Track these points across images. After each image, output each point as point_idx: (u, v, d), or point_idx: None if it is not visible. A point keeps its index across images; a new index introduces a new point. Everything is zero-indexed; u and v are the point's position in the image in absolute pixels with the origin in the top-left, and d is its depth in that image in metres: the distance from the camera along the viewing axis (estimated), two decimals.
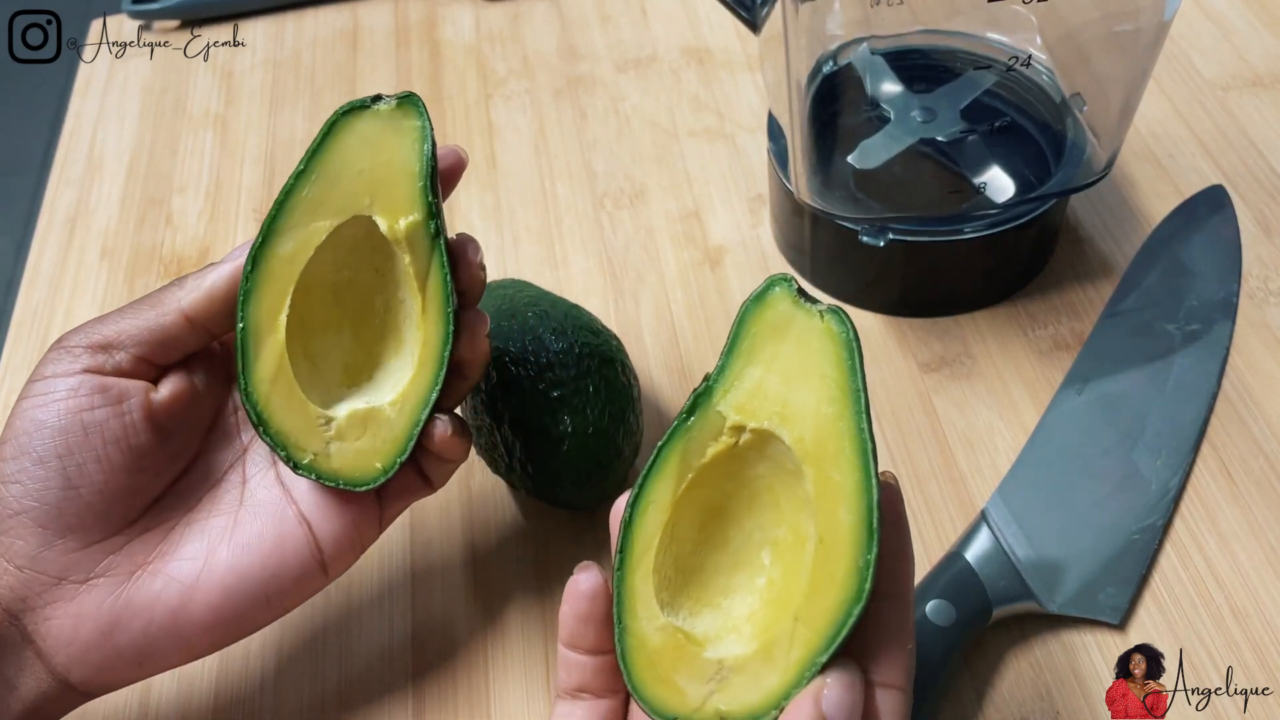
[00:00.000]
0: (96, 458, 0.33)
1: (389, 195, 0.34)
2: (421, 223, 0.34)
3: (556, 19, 0.68)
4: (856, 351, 0.29)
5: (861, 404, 0.29)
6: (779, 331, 0.30)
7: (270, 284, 0.34)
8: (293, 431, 0.35)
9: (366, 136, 0.34)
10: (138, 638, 0.34)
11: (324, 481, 0.35)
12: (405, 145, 0.34)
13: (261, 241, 0.34)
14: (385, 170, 0.34)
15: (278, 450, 0.34)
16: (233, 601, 0.34)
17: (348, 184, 0.34)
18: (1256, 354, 0.48)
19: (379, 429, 0.35)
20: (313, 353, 0.36)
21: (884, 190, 0.49)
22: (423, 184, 0.34)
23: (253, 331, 0.34)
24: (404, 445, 0.35)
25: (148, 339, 0.35)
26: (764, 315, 0.30)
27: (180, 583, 0.34)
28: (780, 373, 0.30)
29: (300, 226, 0.34)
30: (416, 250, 0.35)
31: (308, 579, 0.36)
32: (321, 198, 0.34)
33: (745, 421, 0.30)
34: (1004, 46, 0.50)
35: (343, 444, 0.35)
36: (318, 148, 0.34)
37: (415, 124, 0.34)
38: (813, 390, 0.29)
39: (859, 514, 0.28)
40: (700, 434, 0.30)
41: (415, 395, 0.35)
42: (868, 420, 0.29)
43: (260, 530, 0.35)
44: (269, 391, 0.34)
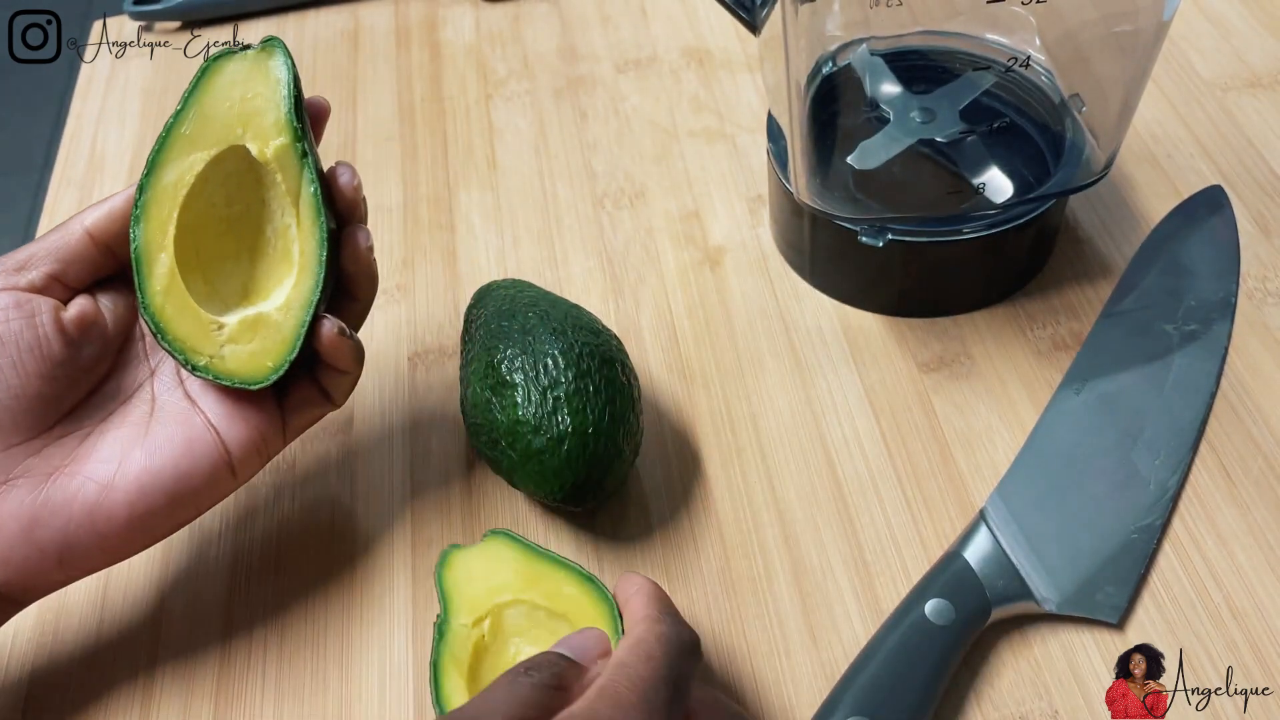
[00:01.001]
0: (12, 364, 0.37)
1: (258, 124, 0.39)
2: (289, 145, 0.39)
3: (557, 20, 0.69)
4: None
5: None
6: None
7: (157, 208, 0.38)
8: (188, 337, 0.38)
9: (235, 77, 0.39)
10: (57, 535, 0.37)
11: (220, 381, 0.38)
12: (270, 80, 0.39)
13: (147, 173, 0.38)
14: (253, 103, 0.39)
15: (176, 355, 0.38)
16: (147, 499, 0.37)
17: (221, 118, 0.39)
18: (1255, 354, 0.48)
19: (268, 331, 0.39)
20: (211, 278, 0.40)
21: (883, 191, 0.49)
22: (287, 111, 0.39)
23: (144, 250, 0.38)
24: (292, 344, 0.38)
25: (56, 257, 0.39)
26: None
27: (96, 482, 0.37)
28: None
29: (180, 159, 0.39)
30: (287, 171, 0.39)
31: (218, 480, 0.39)
32: (198, 133, 0.39)
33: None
34: (1003, 47, 0.50)
35: (236, 347, 0.39)
36: (192, 90, 0.39)
37: (278, 62, 0.39)
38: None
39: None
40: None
41: (299, 299, 0.39)
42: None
43: (171, 434, 0.38)
44: (163, 302, 0.38)
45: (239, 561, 0.45)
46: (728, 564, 0.44)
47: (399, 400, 0.50)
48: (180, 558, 0.46)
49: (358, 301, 0.42)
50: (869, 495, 0.45)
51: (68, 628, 0.44)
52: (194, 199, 0.39)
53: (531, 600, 0.39)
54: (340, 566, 0.45)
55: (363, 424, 0.49)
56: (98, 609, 0.44)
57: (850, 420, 0.47)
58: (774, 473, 0.46)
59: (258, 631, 0.43)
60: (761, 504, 0.45)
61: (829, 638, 0.41)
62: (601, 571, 0.44)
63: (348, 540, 0.46)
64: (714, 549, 0.44)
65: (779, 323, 0.51)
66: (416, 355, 0.52)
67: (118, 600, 0.45)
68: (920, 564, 0.43)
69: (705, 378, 0.50)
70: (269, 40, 0.39)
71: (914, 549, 0.43)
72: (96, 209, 0.39)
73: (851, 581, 0.43)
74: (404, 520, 0.46)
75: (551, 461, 0.41)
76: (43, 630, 0.44)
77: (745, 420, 0.48)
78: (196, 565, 0.45)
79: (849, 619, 0.42)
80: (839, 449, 0.47)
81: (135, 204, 0.38)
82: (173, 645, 0.43)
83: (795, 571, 0.43)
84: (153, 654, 0.43)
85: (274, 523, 0.46)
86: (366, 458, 0.48)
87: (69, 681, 0.42)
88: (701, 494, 0.46)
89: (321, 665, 0.42)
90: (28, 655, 0.43)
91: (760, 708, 0.40)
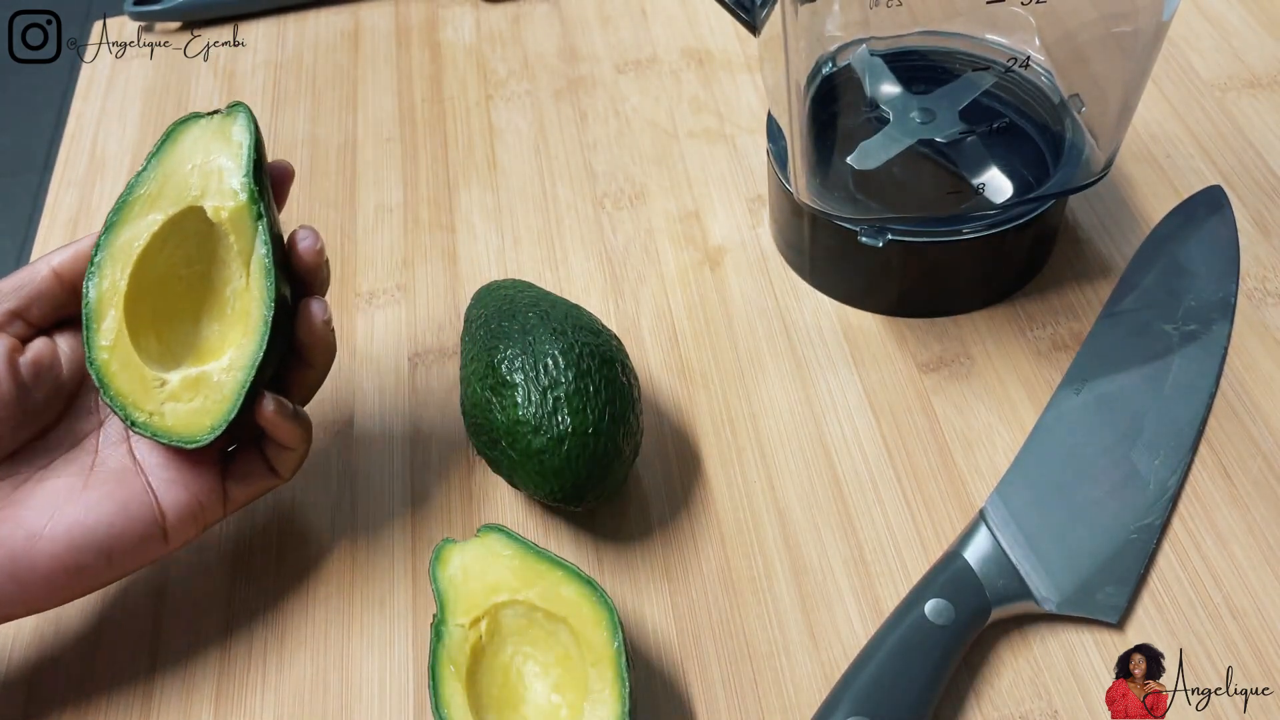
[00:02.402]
0: None
1: (217, 186, 0.39)
2: (245, 207, 0.39)
3: (557, 20, 0.69)
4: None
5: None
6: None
7: (111, 266, 0.39)
8: (130, 393, 0.38)
9: (198, 140, 0.40)
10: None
11: (159, 439, 0.38)
12: (231, 144, 0.40)
13: (105, 231, 0.39)
14: (213, 165, 0.40)
15: (116, 409, 0.38)
16: (75, 554, 0.37)
17: (181, 179, 0.40)
18: (1254, 354, 0.48)
19: (209, 391, 0.39)
20: (165, 338, 0.40)
21: (883, 191, 0.49)
22: (244, 175, 0.39)
23: (95, 306, 0.39)
24: (231, 405, 0.38)
25: (20, 295, 0.39)
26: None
27: (26, 529, 0.37)
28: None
29: (139, 218, 0.39)
30: (241, 233, 0.39)
31: (149, 543, 0.39)
32: (157, 193, 0.40)
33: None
34: (1003, 48, 0.50)
35: (176, 404, 0.39)
36: (156, 151, 0.40)
37: (240, 126, 0.40)
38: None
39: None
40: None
41: (241, 360, 0.39)
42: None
43: (109, 492, 0.38)
44: (110, 358, 0.39)
45: (239, 562, 0.45)
46: (728, 564, 0.44)
47: (399, 400, 0.50)
48: (180, 558, 0.46)
49: (312, 369, 0.41)
50: (869, 495, 0.45)
51: (68, 628, 0.44)
52: (153, 257, 0.39)
53: (529, 601, 0.39)
54: (340, 567, 0.45)
55: (363, 424, 0.50)
56: (98, 609, 0.44)
57: (850, 420, 0.47)
58: (774, 473, 0.46)
59: (258, 632, 0.43)
60: (761, 504, 0.45)
61: (829, 637, 0.41)
62: (601, 572, 0.44)
63: (348, 540, 0.46)
64: (714, 549, 0.44)
65: (779, 323, 0.51)
66: (416, 355, 0.52)
67: (118, 600, 0.45)
68: (920, 564, 0.43)
69: (705, 378, 0.50)
70: (234, 105, 0.40)
71: (914, 549, 0.43)
72: (64, 251, 0.39)
73: (851, 581, 0.43)
74: (404, 520, 0.46)
75: (551, 461, 0.41)
76: (43, 630, 0.44)
77: (745, 420, 0.48)
78: (197, 566, 0.45)
79: (849, 619, 0.42)
80: (839, 449, 0.47)
81: (91, 261, 0.39)
82: (173, 646, 0.43)
83: (795, 571, 0.43)
84: (153, 655, 0.43)
85: (274, 523, 0.46)
86: (366, 458, 0.48)
87: (69, 682, 0.42)
88: (701, 494, 0.46)
89: (322, 666, 0.42)
90: (28, 655, 0.43)
91: (760, 708, 0.40)
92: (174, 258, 0.40)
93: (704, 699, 0.40)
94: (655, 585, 0.43)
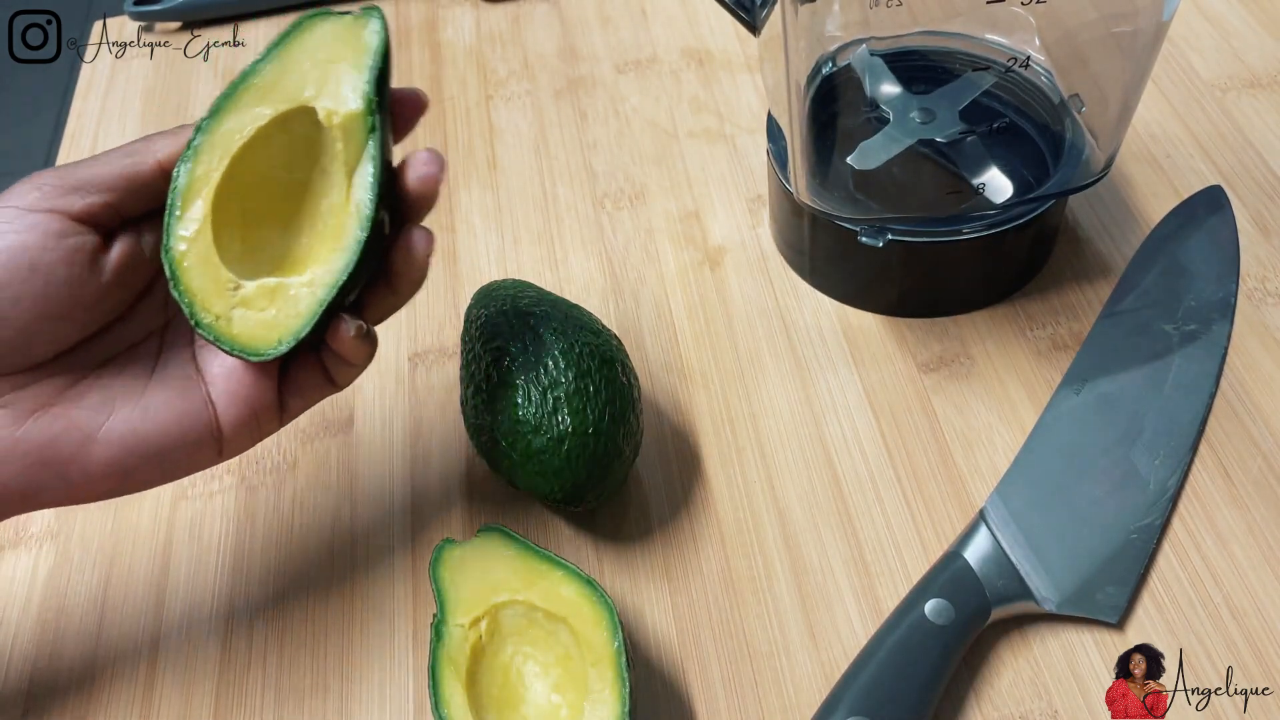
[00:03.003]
0: (32, 297, 0.34)
1: (334, 88, 0.36)
2: (359, 115, 0.36)
3: (557, 20, 0.69)
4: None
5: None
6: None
7: (208, 153, 0.36)
8: (200, 291, 0.36)
9: (324, 37, 0.37)
10: (21, 475, 0.34)
11: (220, 345, 0.36)
12: (358, 46, 0.37)
13: (209, 116, 0.36)
14: (335, 66, 0.36)
15: (183, 305, 0.36)
16: (127, 459, 0.35)
17: (297, 76, 0.37)
18: (1254, 354, 0.48)
19: (284, 304, 0.36)
20: (252, 242, 0.37)
21: (883, 191, 0.49)
22: (367, 81, 0.36)
23: (183, 191, 0.36)
24: (304, 323, 0.36)
25: (121, 185, 0.35)
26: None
27: (81, 431, 0.35)
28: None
29: (247, 108, 0.36)
30: (350, 142, 0.36)
31: (203, 453, 0.37)
32: (270, 85, 0.36)
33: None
34: (1003, 48, 0.50)
35: (247, 312, 0.36)
36: (277, 44, 0.37)
37: (372, 28, 0.37)
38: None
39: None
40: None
41: (325, 279, 0.36)
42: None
43: (166, 398, 0.36)
44: (187, 250, 0.36)
45: (239, 563, 0.45)
46: (728, 564, 0.44)
47: (399, 400, 0.50)
48: (180, 559, 0.46)
49: (396, 295, 0.38)
50: (869, 495, 0.45)
51: (68, 629, 0.44)
52: (253, 154, 0.36)
53: (529, 601, 0.39)
54: (340, 568, 0.45)
55: (363, 424, 0.50)
56: (98, 610, 0.44)
57: (850, 420, 0.47)
58: (774, 473, 0.46)
59: (258, 633, 0.43)
60: (761, 504, 0.45)
61: (829, 637, 0.41)
62: (601, 572, 0.44)
63: (348, 541, 0.46)
64: (714, 549, 0.44)
65: (779, 323, 0.51)
66: (416, 355, 0.52)
67: (118, 601, 0.45)
68: (920, 564, 0.43)
69: (705, 378, 0.50)
70: (368, 8, 0.37)
71: (914, 549, 0.43)
72: (169, 139, 0.36)
73: (851, 581, 0.43)
74: (404, 521, 0.46)
75: (551, 461, 0.41)
76: (43, 631, 0.44)
77: (745, 420, 0.48)
78: (197, 567, 0.45)
79: (849, 619, 0.42)
80: (839, 449, 0.47)
81: (189, 143, 0.36)
82: (173, 647, 0.43)
83: (795, 571, 0.43)
84: (153, 656, 0.43)
85: (274, 523, 0.46)
86: (366, 458, 0.48)
87: (69, 683, 0.42)
88: (701, 494, 0.46)
89: (322, 667, 0.42)
90: (28, 656, 0.43)
91: (760, 708, 0.40)
92: (275, 159, 0.37)
93: (704, 699, 0.40)
94: (655, 585, 0.43)
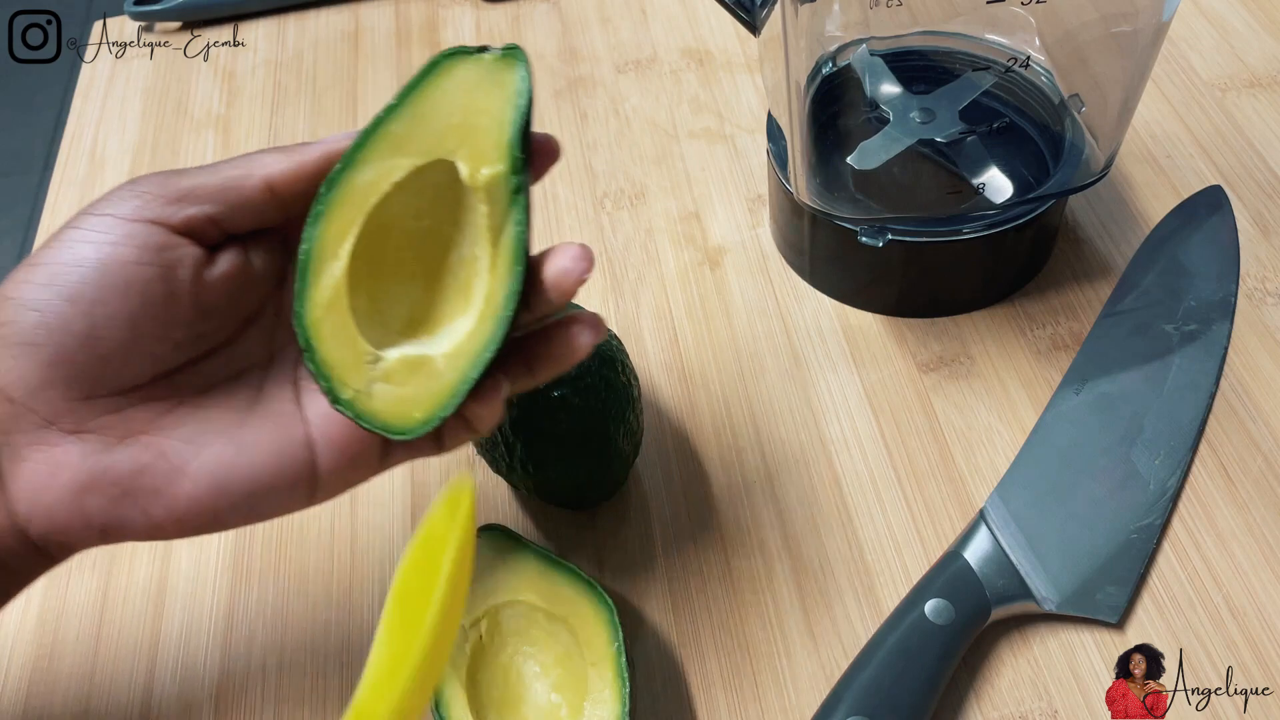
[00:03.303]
0: (129, 315, 0.31)
1: (476, 143, 0.33)
2: (504, 175, 0.33)
3: (557, 20, 0.69)
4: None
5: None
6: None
7: (342, 209, 0.33)
8: (338, 364, 0.33)
9: (464, 82, 0.34)
10: (107, 506, 0.32)
11: (360, 422, 0.33)
12: (501, 96, 0.33)
13: (342, 167, 0.33)
14: (477, 117, 0.33)
15: (320, 380, 0.33)
16: (215, 498, 0.32)
17: (437, 125, 0.33)
18: (1254, 354, 0.48)
19: (427, 379, 0.33)
20: (378, 296, 0.35)
21: (883, 191, 0.49)
22: (512, 136, 0.33)
23: (316, 254, 0.33)
24: (449, 400, 0.33)
25: (225, 199, 0.33)
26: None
27: (171, 463, 0.32)
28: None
29: (382, 160, 0.33)
30: (495, 202, 0.33)
31: (295, 497, 0.34)
32: (408, 135, 0.33)
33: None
34: (1003, 48, 0.50)
35: (387, 386, 0.33)
36: (414, 86, 0.33)
37: (515, 76, 0.33)
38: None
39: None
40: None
41: (469, 352, 0.33)
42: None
43: (265, 438, 0.33)
44: (322, 318, 0.33)
45: (239, 564, 0.45)
46: (728, 564, 0.44)
47: None
48: (180, 561, 0.46)
49: (532, 377, 0.34)
50: (869, 495, 0.45)
51: (68, 630, 0.44)
52: (383, 205, 0.34)
53: (529, 601, 0.39)
54: (341, 569, 0.45)
55: None
56: (98, 611, 0.44)
57: (850, 420, 0.47)
58: (774, 473, 0.46)
59: (257, 636, 0.43)
60: (761, 504, 0.45)
61: (829, 637, 0.41)
62: (601, 573, 0.44)
63: (348, 543, 0.46)
64: (714, 549, 0.44)
65: (779, 323, 0.51)
66: None
67: (118, 603, 0.45)
68: (920, 564, 0.43)
69: (705, 378, 0.50)
70: (510, 49, 0.34)
71: (914, 549, 0.43)
72: (280, 157, 0.33)
73: (851, 581, 0.43)
74: (404, 521, 0.46)
75: (552, 461, 0.41)
76: (43, 632, 0.44)
77: (745, 420, 0.48)
78: (197, 568, 0.45)
79: (849, 619, 0.42)
80: (839, 449, 0.47)
81: (319, 199, 0.33)
82: (172, 650, 0.43)
83: (795, 571, 0.43)
84: (152, 657, 0.43)
85: (274, 523, 0.46)
86: None
87: (69, 685, 0.42)
88: (701, 494, 0.46)
89: (322, 670, 0.42)
90: (28, 657, 0.43)
91: (760, 708, 0.40)
92: (404, 207, 0.34)
93: (704, 699, 0.40)
94: (655, 585, 0.43)
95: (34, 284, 0.31)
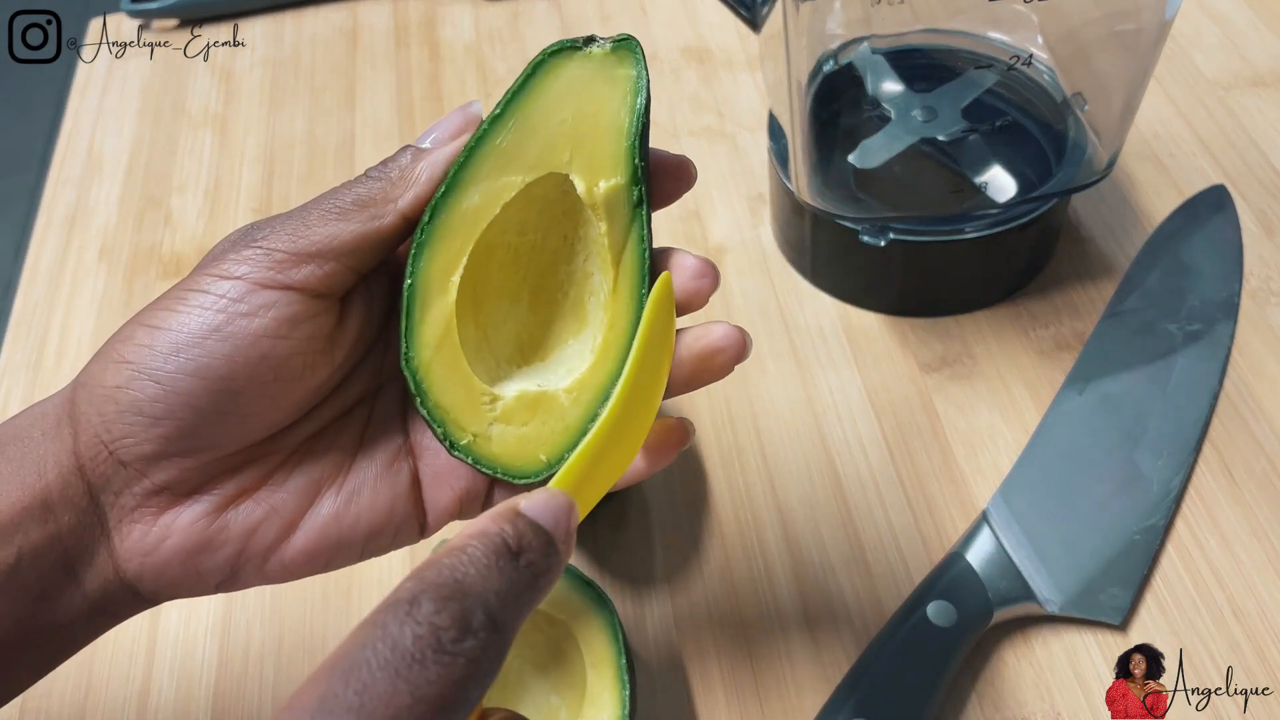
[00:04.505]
0: (257, 390, 0.29)
1: (591, 152, 0.30)
2: (624, 187, 0.30)
3: (556, 18, 0.68)
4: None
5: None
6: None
7: (448, 240, 0.30)
8: (453, 408, 0.30)
9: (573, 83, 0.30)
10: (223, 564, 0.30)
11: (480, 468, 0.31)
12: (616, 97, 0.30)
13: (444, 191, 0.30)
14: (590, 123, 0.30)
15: (434, 426, 0.30)
16: (327, 547, 0.31)
17: (547, 135, 0.30)
18: (1258, 354, 0.48)
19: (550, 417, 0.31)
20: (484, 321, 0.32)
21: (885, 190, 0.49)
22: (630, 144, 0.30)
23: (421, 291, 0.30)
24: (574, 439, 0.30)
25: (363, 247, 0.29)
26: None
27: (282, 519, 0.30)
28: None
29: (489, 179, 0.30)
30: (614, 219, 0.30)
31: (404, 537, 0.32)
32: (516, 148, 0.30)
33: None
34: (1005, 46, 0.50)
35: (507, 428, 0.31)
36: (518, 90, 0.30)
37: (630, 73, 0.30)
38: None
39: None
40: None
41: (594, 385, 0.30)
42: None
43: (373, 480, 0.31)
44: (431, 360, 0.30)
45: None
46: (728, 565, 0.43)
47: None
48: None
49: None
50: (870, 496, 0.45)
51: None
52: (488, 228, 0.30)
53: None
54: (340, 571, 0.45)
55: None
56: None
57: (851, 420, 0.47)
58: (775, 473, 0.46)
59: (255, 637, 0.43)
60: (762, 504, 0.45)
61: (830, 639, 0.41)
62: (601, 574, 0.44)
63: None
64: (714, 549, 0.44)
65: (780, 322, 0.51)
66: None
67: None
68: (922, 565, 0.43)
69: None
70: (622, 40, 0.30)
71: (915, 550, 0.43)
72: (414, 185, 0.30)
73: (853, 582, 0.43)
74: None
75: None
76: None
77: (746, 420, 0.48)
78: None
79: (850, 620, 0.42)
80: (840, 449, 0.46)
81: (420, 227, 0.29)
82: (170, 650, 0.43)
83: (796, 572, 0.43)
84: (150, 658, 0.43)
85: None
86: None
87: (66, 685, 0.42)
88: (702, 494, 0.46)
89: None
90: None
91: (761, 710, 0.40)
92: (509, 223, 0.31)
93: (704, 701, 0.40)
94: (655, 586, 0.43)
95: (155, 351, 0.28)
